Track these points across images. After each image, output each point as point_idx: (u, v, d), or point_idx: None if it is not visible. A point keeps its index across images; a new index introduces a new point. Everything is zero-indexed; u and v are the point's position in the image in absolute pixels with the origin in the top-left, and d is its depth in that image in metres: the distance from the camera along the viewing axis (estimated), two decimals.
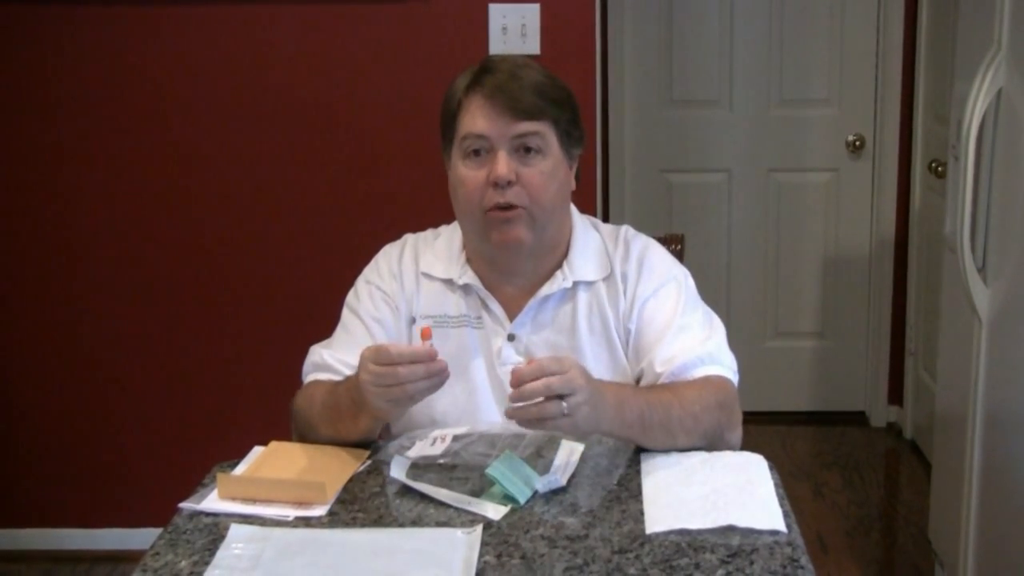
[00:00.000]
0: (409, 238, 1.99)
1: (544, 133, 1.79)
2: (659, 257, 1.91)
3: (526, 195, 1.78)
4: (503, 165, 1.76)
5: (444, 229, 1.96)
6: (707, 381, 1.77)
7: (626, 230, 1.95)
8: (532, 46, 3.08)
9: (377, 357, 1.60)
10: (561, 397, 1.54)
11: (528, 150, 1.78)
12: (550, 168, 1.80)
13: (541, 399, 1.54)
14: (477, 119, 1.78)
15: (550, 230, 1.84)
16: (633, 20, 4.15)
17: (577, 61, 3.10)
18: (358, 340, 1.86)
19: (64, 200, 3.25)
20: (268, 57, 3.16)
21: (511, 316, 1.87)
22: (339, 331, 1.92)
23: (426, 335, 1.63)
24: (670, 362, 1.79)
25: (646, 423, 1.67)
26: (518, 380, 1.55)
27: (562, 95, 1.82)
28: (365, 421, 1.73)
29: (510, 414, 1.56)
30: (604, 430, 1.65)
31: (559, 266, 1.88)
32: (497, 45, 3.09)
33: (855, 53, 4.14)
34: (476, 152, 1.79)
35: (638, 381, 1.85)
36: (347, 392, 1.72)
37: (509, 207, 1.78)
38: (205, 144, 3.22)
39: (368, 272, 1.96)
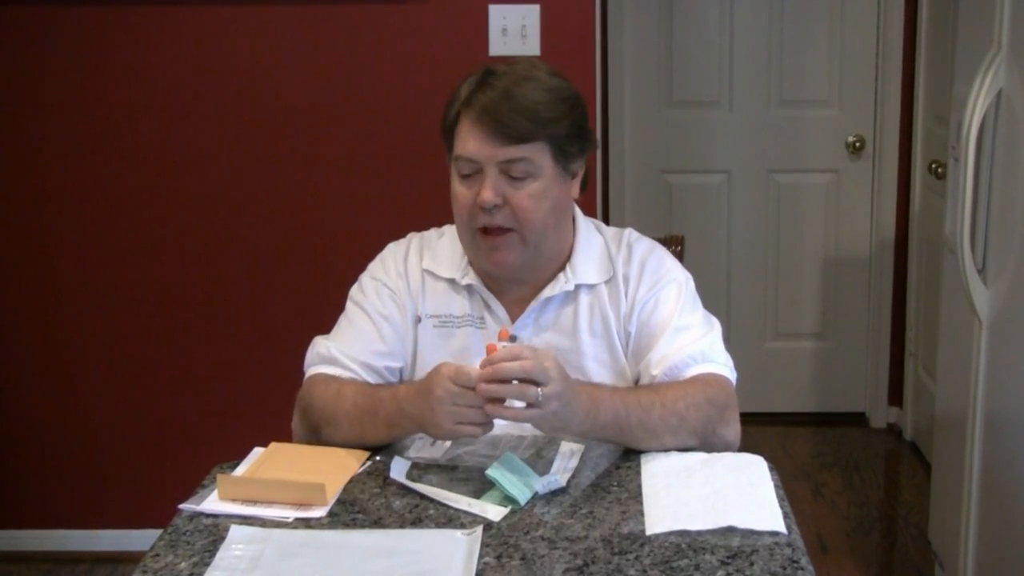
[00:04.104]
0: (414, 237, 1.99)
1: (533, 157, 1.77)
2: (661, 260, 1.91)
3: (515, 218, 1.78)
4: (488, 191, 1.76)
5: (448, 228, 1.96)
6: (695, 379, 1.78)
7: (629, 233, 1.95)
8: (532, 47, 3.08)
9: (457, 377, 1.60)
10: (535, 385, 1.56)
11: (515, 175, 1.77)
12: (540, 190, 1.78)
13: (516, 382, 1.55)
14: (468, 141, 1.77)
15: (545, 246, 1.84)
16: (633, 21, 4.15)
17: (577, 62, 3.10)
18: (365, 335, 1.88)
19: (65, 201, 3.25)
20: (268, 58, 3.16)
21: (513, 317, 1.88)
22: (344, 325, 1.92)
23: (503, 336, 1.63)
24: (664, 362, 1.80)
25: (622, 424, 1.68)
26: (493, 360, 1.56)
27: (560, 110, 1.79)
28: (399, 431, 1.73)
29: (483, 390, 1.56)
30: (574, 431, 1.65)
31: (562, 269, 1.88)
32: (497, 46, 3.09)
33: (855, 54, 4.15)
34: (468, 172, 1.79)
35: (636, 382, 1.86)
36: (393, 399, 1.72)
37: (498, 231, 1.78)
38: (203, 144, 3.21)
39: (374, 269, 1.96)
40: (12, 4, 3.13)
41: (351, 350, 1.86)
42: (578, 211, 1.94)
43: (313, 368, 1.88)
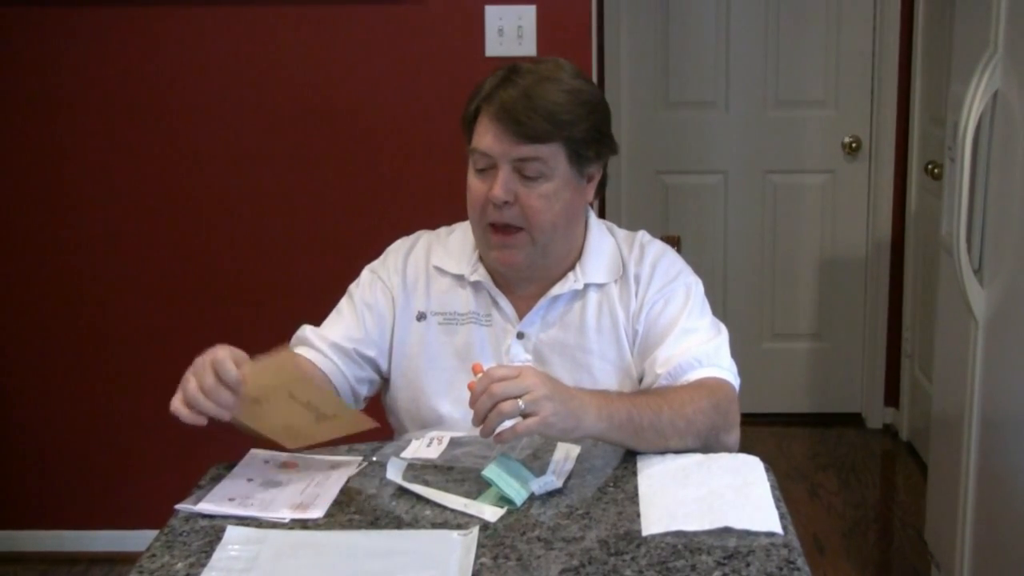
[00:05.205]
0: (423, 234, 2.01)
1: (548, 157, 1.78)
2: (672, 262, 1.93)
3: (524, 216, 1.79)
4: (500, 187, 1.77)
5: (460, 224, 1.98)
6: (701, 383, 1.78)
7: (642, 235, 1.97)
8: (528, 48, 3.08)
9: (218, 367, 1.59)
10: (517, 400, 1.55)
11: (527, 175, 1.78)
12: (552, 191, 1.79)
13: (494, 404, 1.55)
14: (485, 136, 1.79)
15: (553, 246, 1.85)
16: (629, 21, 4.16)
17: (573, 63, 3.09)
18: (343, 320, 1.93)
19: (65, 201, 3.25)
20: (266, 58, 3.17)
21: (521, 314, 1.89)
22: (332, 313, 1.97)
23: (477, 370, 1.62)
24: (669, 362, 1.81)
25: (636, 425, 1.67)
26: (473, 397, 1.56)
27: (579, 113, 1.79)
28: None
29: (483, 434, 1.56)
30: (591, 431, 1.65)
31: (571, 268, 1.90)
32: (494, 47, 3.09)
33: (851, 54, 4.15)
34: (483, 167, 1.81)
35: (640, 381, 1.86)
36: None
37: (506, 229, 1.80)
38: (202, 143, 3.22)
39: (375, 263, 1.99)
40: (15, 6, 3.14)
41: (326, 332, 1.91)
42: (592, 213, 1.96)
43: (293, 347, 1.93)
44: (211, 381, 1.60)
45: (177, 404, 1.62)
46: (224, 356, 1.61)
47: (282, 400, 1.66)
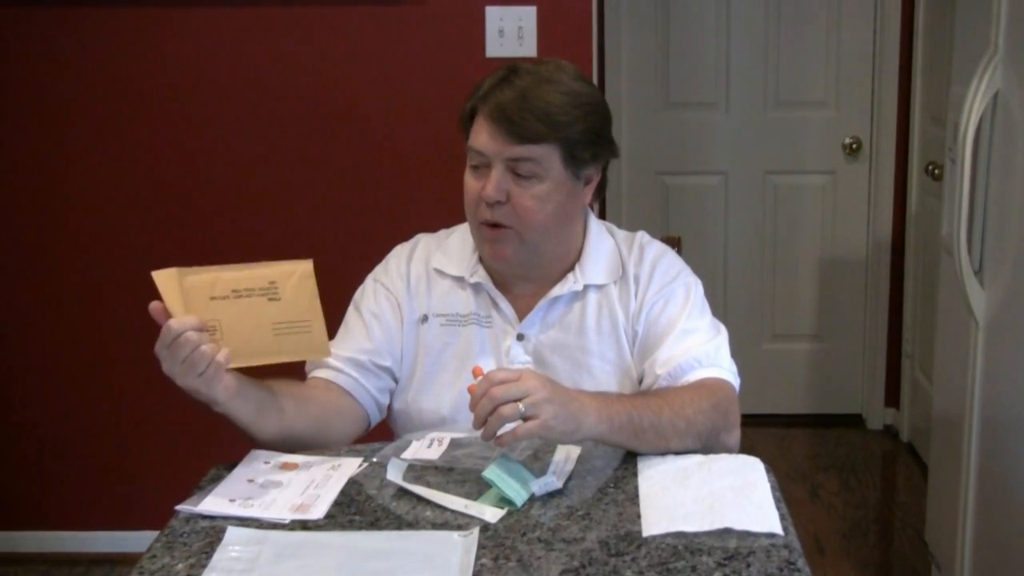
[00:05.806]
0: (422, 238, 2.01)
1: (542, 158, 1.78)
2: (672, 263, 1.93)
3: (515, 216, 1.79)
4: (492, 186, 1.77)
5: (459, 227, 1.98)
6: (701, 384, 1.78)
7: (641, 235, 1.97)
8: (529, 48, 3.08)
9: (161, 339, 1.63)
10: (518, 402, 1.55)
11: (521, 174, 1.78)
12: (544, 192, 1.79)
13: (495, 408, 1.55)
14: (480, 135, 1.79)
15: (545, 247, 1.85)
16: (630, 22, 4.16)
17: (573, 63, 3.09)
18: (354, 334, 1.91)
19: (66, 200, 3.26)
20: (266, 59, 3.17)
21: (521, 316, 1.89)
22: (341, 328, 1.95)
23: (477, 373, 1.62)
24: (669, 363, 1.81)
25: (636, 426, 1.67)
26: (473, 400, 1.56)
27: (575, 115, 1.79)
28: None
29: (484, 437, 1.57)
30: (591, 433, 1.65)
31: (571, 269, 1.90)
32: (494, 48, 3.09)
33: (852, 55, 4.15)
34: (477, 164, 1.81)
35: (640, 382, 1.86)
36: None
37: (497, 225, 1.80)
38: (202, 143, 3.22)
39: (377, 270, 1.99)
40: (16, 6, 3.14)
41: (340, 349, 1.89)
42: (591, 215, 1.96)
43: (310, 373, 1.91)
44: (181, 351, 1.64)
45: (204, 393, 1.67)
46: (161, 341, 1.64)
47: (223, 309, 1.68)
